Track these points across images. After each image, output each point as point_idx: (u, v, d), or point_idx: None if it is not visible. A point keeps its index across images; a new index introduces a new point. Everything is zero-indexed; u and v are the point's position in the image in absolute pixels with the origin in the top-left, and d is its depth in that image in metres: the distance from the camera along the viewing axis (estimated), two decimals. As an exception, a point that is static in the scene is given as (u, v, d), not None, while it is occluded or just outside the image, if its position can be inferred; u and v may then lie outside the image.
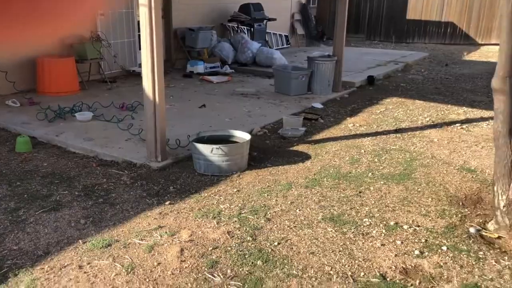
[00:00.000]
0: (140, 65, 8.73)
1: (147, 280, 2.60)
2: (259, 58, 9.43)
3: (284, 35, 12.38)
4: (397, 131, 5.56)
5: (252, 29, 10.41)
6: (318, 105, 6.84)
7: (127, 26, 8.43)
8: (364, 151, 4.84)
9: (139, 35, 8.84)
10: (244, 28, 10.45)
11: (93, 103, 6.19)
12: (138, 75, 8.38)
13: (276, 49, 10.76)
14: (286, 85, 7.35)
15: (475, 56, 12.08)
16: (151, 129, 4.42)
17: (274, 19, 10.90)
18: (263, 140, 5.24)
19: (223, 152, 4.18)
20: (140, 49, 8.83)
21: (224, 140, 4.52)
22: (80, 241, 3.03)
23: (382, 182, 4.00)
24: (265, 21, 10.71)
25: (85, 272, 2.68)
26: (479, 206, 3.49)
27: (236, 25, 10.35)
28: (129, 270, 2.70)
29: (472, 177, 4.07)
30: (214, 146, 4.17)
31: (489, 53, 12.47)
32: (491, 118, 4.16)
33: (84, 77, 7.46)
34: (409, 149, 4.89)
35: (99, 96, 6.71)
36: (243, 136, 4.58)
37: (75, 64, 7.05)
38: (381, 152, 4.80)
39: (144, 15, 4.10)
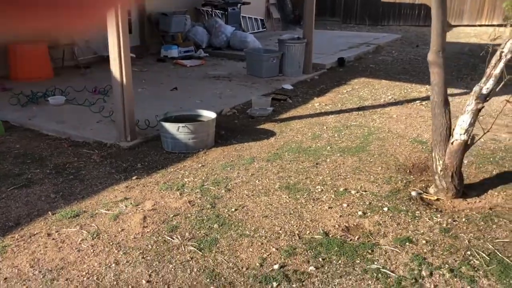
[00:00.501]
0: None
1: (111, 243, 2.85)
2: (233, 42, 9.62)
3: (260, 19, 12.55)
4: (359, 109, 5.85)
5: (226, 13, 10.56)
6: (288, 87, 7.09)
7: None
8: (326, 128, 5.13)
9: (112, 21, 8.92)
10: (218, 12, 10.59)
11: (66, 88, 6.34)
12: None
13: (251, 33, 10.93)
14: (257, 67, 7.58)
15: (446, 37, 12.39)
16: (120, 110, 4.63)
17: (248, 3, 11.06)
18: (231, 120, 5.48)
19: (189, 130, 4.42)
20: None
21: (191, 119, 4.74)
22: (49, 212, 3.25)
23: (338, 155, 4.30)
24: (239, 4, 10.87)
25: (53, 239, 2.92)
26: (425, 174, 3.80)
27: (210, 9, 10.49)
28: (95, 235, 2.94)
29: (422, 148, 4.38)
30: (180, 125, 4.40)
31: (460, 34, 12.84)
32: (451, 94, 4.44)
33: (58, 63, 7.58)
34: (368, 125, 5.18)
35: (72, 81, 6.85)
36: (209, 115, 4.81)
37: (47, 49, 7.16)
38: (341, 128, 5.09)
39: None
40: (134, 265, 2.62)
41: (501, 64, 2.99)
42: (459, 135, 3.19)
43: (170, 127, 4.43)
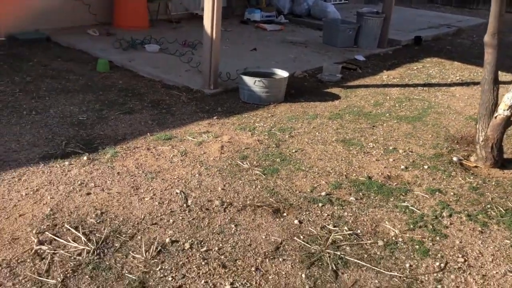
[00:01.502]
0: (203, 9, 9.68)
1: (195, 161, 3.66)
2: (313, 10, 10.09)
3: (343, -10, 12.80)
4: (425, 85, 6.23)
5: (310, -18, 10.95)
6: (361, 58, 7.54)
7: (194, -29, 9.33)
8: (389, 98, 5.61)
9: (203, -19, 9.73)
10: (302, -20, 11.01)
11: (160, 38, 7.25)
12: (200, 18, 9.34)
13: (333, 4, 11.28)
14: (333, 37, 8.06)
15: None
16: (207, 61, 5.40)
17: (333, -26, 11.36)
18: (302, 82, 6.10)
19: (264, 84, 5.12)
20: (203, -6, 9.73)
21: (267, 76, 5.42)
22: (148, 134, 4.12)
23: (395, 121, 4.81)
24: (324, -25, 11.20)
25: (151, 152, 3.78)
26: (471, 146, 4.24)
27: (295, -23, 10.93)
28: (183, 154, 3.76)
29: (475, 125, 4.77)
30: (257, 79, 5.11)
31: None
32: (506, 82, 4.74)
33: (153, 15, 8.52)
34: (430, 100, 5.60)
35: (165, 33, 7.76)
36: (282, 74, 5.47)
37: (146, 2, 8.10)
38: (403, 100, 5.55)
39: (210, -38, 4.99)
40: (213, 177, 3.41)
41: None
42: (502, 110, 3.62)
43: (248, 80, 5.15)
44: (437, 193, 3.35)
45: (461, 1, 14.57)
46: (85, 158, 3.57)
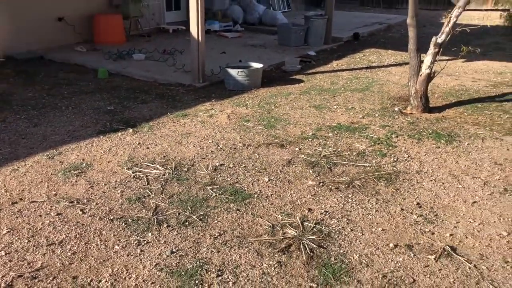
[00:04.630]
0: (167, 23, 11.10)
1: (212, 126, 5.06)
2: (264, 18, 11.76)
3: (286, 0, 14.63)
4: (367, 68, 7.97)
5: (258, -6, 12.65)
6: (312, 53, 9.22)
7: (157, -9, 10.73)
8: (341, 78, 7.27)
9: (166, -1, 11.15)
10: (251, -7, 12.68)
11: (141, 49, 8.56)
12: (166, 31, 10.77)
13: (280, 11, 13.02)
14: (287, 38, 9.71)
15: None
16: (195, 59, 6.81)
17: (277, -14, 13.13)
18: (270, 74, 7.64)
19: (245, 74, 6.60)
20: (166, 10, 11.17)
21: (245, 67, 6.91)
22: (168, 113, 5.47)
23: (349, 92, 6.45)
24: (269, -13, 12.95)
25: (177, 123, 5.14)
26: (406, 102, 5.92)
27: (245, -9, 12.59)
28: (201, 123, 5.15)
29: (407, 86, 6.49)
30: (239, 70, 6.59)
31: (465, 17, 14.73)
32: (442, 60, 6.47)
33: (126, 31, 9.80)
34: (373, 77, 7.32)
35: (142, 45, 9.08)
36: (258, 65, 6.98)
37: (122, 20, 9.39)
38: (352, 79, 7.23)
39: (194, -19, 6.44)
40: (230, 132, 4.83)
41: (450, 25, 5.10)
42: (424, 69, 5.32)
43: (232, 71, 6.62)
44: (386, 127, 4.97)
45: (389, 2, 16.87)
46: (130, 130, 4.88)
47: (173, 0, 11.48)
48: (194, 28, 6.66)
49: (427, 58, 5.31)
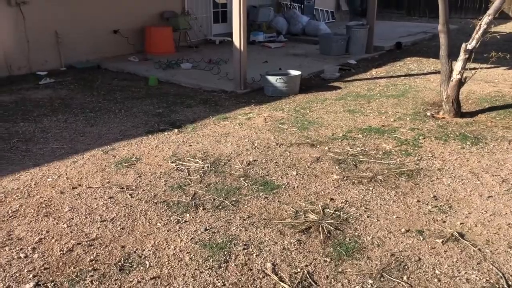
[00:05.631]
0: (214, 35, 11.75)
1: (249, 127, 5.50)
2: (307, 29, 12.17)
3: (330, 11, 15.00)
4: (406, 75, 8.18)
5: (302, 5, 13.13)
6: (352, 62, 9.52)
7: (205, 4, 11.42)
8: (379, 85, 7.54)
9: (214, 12, 11.86)
10: (295, 5, 13.18)
11: (189, 59, 9.19)
12: (213, 43, 11.41)
13: (324, 22, 13.41)
14: (328, 47, 10.07)
15: (501, 28, 14.18)
16: (237, 68, 7.32)
17: (321, -3, 13.55)
18: (309, 81, 8.03)
19: (283, 81, 7.03)
20: (214, 22, 11.85)
21: (284, 75, 7.34)
22: (210, 116, 5.97)
23: (384, 98, 6.72)
24: (313, -1, 13.39)
25: (217, 125, 5.62)
26: (440, 107, 6.13)
27: (289, 3, 13.10)
28: (239, 124, 5.61)
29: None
30: (278, 77, 7.03)
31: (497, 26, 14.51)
32: (476, 68, 6.62)
33: (176, 43, 10.50)
34: (410, 84, 7.54)
35: (190, 55, 9.72)
36: (296, 73, 7.39)
37: (171, 32, 10.10)
38: (389, 86, 7.48)
39: (237, -6, 6.96)
40: (265, 133, 5.26)
41: (480, 31, 5.30)
42: (455, 75, 5.53)
43: (271, 78, 7.06)
44: (415, 130, 5.22)
45: (435, 12, 16.81)
46: (176, 130, 5.41)
47: (220, 13, 12.13)
48: (237, 38, 7.17)
49: (458, 64, 5.53)
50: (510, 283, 2.64)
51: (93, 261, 2.91)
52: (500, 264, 2.81)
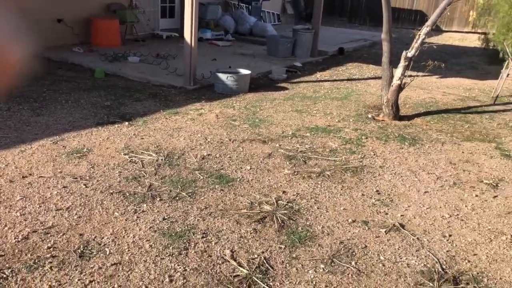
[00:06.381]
0: (161, 30, 11.68)
1: (201, 123, 5.61)
2: (255, 29, 12.41)
3: (276, 13, 15.34)
4: (348, 79, 8.62)
5: (250, 6, 13.35)
6: (298, 64, 9.85)
7: (153, -2, 11.33)
8: (323, 88, 7.89)
9: (162, 6, 11.79)
10: (243, 5, 13.38)
11: (136, 53, 9.11)
12: (160, 37, 11.34)
13: (271, 24, 13.70)
14: (275, 49, 10.35)
15: (434, 40, 15.16)
16: (188, 64, 7.38)
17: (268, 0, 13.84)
18: (258, 81, 8.24)
19: (234, 79, 7.18)
20: (161, 17, 11.78)
21: (234, 73, 7.49)
22: (161, 110, 6.01)
23: (329, 100, 7.06)
24: (260, 0, 13.65)
25: (169, 120, 5.67)
26: (380, 110, 6.55)
27: (237, 2, 13.27)
28: (191, 119, 5.70)
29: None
30: (229, 75, 7.17)
31: (449, 38, 15.60)
32: (412, 76, 7.11)
33: (122, 35, 10.34)
34: (352, 88, 7.96)
35: (137, 49, 9.63)
36: (246, 72, 7.57)
37: (118, 24, 9.95)
38: (333, 89, 7.86)
39: (190, -9, 7.03)
40: (218, 129, 5.38)
41: (419, 41, 5.75)
42: (395, 80, 5.95)
43: (222, 76, 7.19)
44: (358, 130, 5.57)
45: (375, 21, 17.66)
46: (126, 123, 5.40)
47: (168, 8, 12.08)
48: (188, 34, 7.24)
49: (398, 70, 5.95)
50: (444, 267, 2.96)
51: (51, 248, 2.91)
52: (435, 251, 3.13)
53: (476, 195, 4.03)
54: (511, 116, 6.66)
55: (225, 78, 7.16)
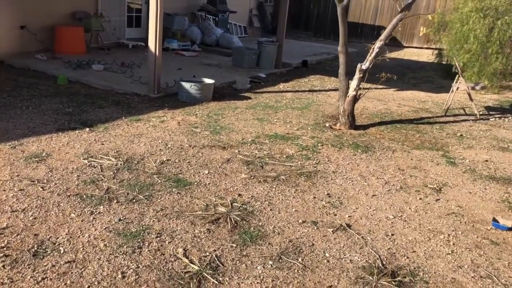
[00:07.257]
0: (127, 39, 11.73)
1: (163, 129, 5.70)
2: (221, 41, 12.60)
3: (243, 26, 15.60)
4: (310, 91, 8.88)
5: (217, 18, 13.55)
6: (262, 75, 10.07)
7: (119, 7, 11.38)
8: (285, 98, 8.12)
9: (128, 16, 11.85)
10: (210, 17, 13.57)
11: (100, 61, 9.13)
12: (126, 46, 11.38)
13: (237, 36, 13.93)
14: (240, 60, 10.55)
15: (394, 54, 15.75)
16: (152, 72, 7.47)
17: (235, 12, 14.09)
18: (222, 90, 8.40)
19: (198, 88, 7.32)
20: (127, 26, 11.84)
21: (198, 82, 7.62)
22: (123, 117, 6.07)
23: (290, 109, 7.28)
24: (227, 13, 13.88)
25: (130, 126, 5.74)
26: (337, 120, 6.80)
27: (204, 14, 13.46)
28: (153, 126, 5.79)
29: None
30: (192, 84, 7.31)
31: (407, 53, 16.20)
32: (370, 88, 7.41)
33: (87, 44, 10.34)
34: (313, 98, 8.21)
35: (102, 57, 9.64)
36: (210, 81, 7.72)
37: (83, 32, 9.94)
38: (295, 99, 8.09)
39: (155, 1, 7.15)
40: (179, 136, 5.49)
41: (373, 54, 6.04)
42: (351, 91, 6.21)
43: (186, 85, 7.32)
44: (315, 138, 5.79)
45: (338, 36, 18.16)
46: (87, 129, 5.45)
47: (134, 18, 12.13)
48: (152, 43, 7.34)
49: (353, 82, 6.22)
50: (384, 262, 3.16)
51: (4, 248, 2.96)
52: (378, 248, 3.33)
53: (420, 198, 4.27)
54: (459, 126, 7.03)
55: (189, 86, 7.29)
